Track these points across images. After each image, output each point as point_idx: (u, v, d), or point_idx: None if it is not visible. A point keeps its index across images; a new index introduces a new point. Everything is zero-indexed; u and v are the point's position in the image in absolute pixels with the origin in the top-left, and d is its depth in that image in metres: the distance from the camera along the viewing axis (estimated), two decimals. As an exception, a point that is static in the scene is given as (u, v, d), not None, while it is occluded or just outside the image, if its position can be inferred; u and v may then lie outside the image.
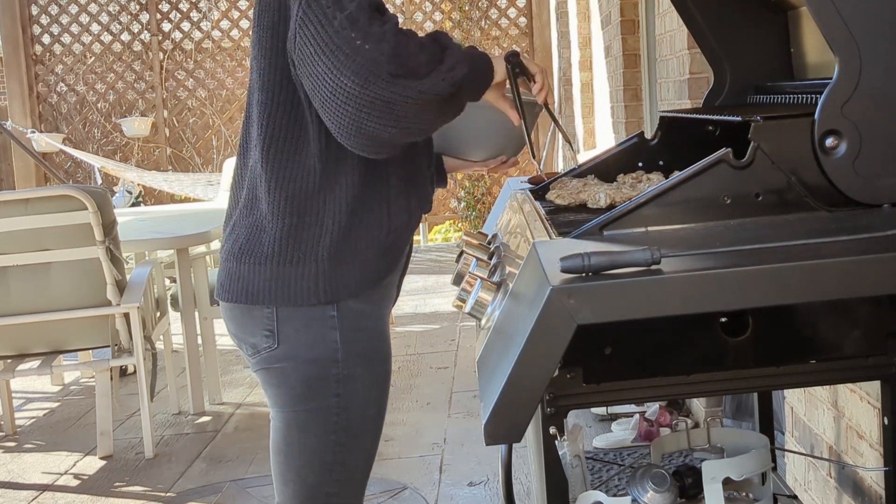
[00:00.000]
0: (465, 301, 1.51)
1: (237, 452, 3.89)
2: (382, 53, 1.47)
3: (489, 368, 1.31)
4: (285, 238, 1.66)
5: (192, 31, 9.30)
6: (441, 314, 6.04)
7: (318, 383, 1.71)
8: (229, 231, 1.76)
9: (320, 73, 1.50)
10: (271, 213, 1.67)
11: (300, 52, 1.54)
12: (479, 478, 3.45)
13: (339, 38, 1.48)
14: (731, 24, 2.02)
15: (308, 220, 1.66)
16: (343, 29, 1.47)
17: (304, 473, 1.75)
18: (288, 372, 1.72)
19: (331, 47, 1.48)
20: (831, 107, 1.42)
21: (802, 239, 1.29)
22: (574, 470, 1.76)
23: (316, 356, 1.70)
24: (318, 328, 1.69)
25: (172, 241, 4.36)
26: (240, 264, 1.71)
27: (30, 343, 3.88)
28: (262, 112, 1.66)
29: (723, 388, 1.57)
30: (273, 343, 1.71)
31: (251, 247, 1.69)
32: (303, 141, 1.65)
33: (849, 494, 2.15)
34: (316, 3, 1.51)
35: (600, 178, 1.90)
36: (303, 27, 1.52)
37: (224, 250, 1.76)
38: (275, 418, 1.78)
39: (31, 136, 8.60)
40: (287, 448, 1.76)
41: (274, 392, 1.76)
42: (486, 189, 9.15)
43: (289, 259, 1.67)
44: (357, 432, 1.75)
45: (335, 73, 1.48)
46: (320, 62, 1.49)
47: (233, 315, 1.76)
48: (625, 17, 5.03)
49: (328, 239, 1.66)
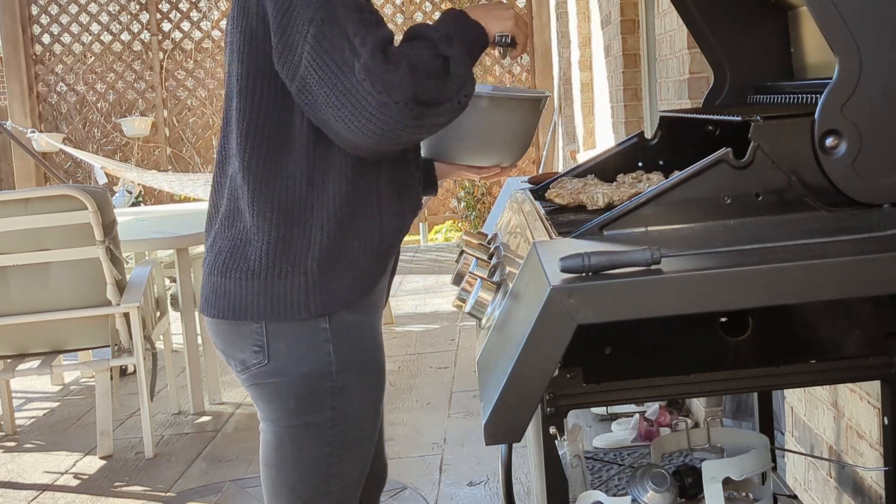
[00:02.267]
0: (465, 301, 1.51)
1: (237, 452, 3.89)
2: (404, 103, 1.46)
3: (489, 368, 1.31)
4: (272, 251, 1.59)
5: (192, 31, 9.31)
6: (441, 314, 6.04)
7: (313, 397, 1.65)
8: (210, 243, 1.69)
9: (339, 115, 1.48)
10: (256, 225, 1.60)
11: (311, 90, 1.49)
12: (479, 478, 3.45)
13: (360, 90, 1.45)
14: (731, 24, 2.02)
15: (296, 230, 1.59)
16: (363, 80, 1.45)
17: (298, 488, 1.70)
18: (280, 387, 1.65)
19: (350, 100, 1.46)
20: (831, 107, 1.42)
21: (802, 239, 1.29)
22: (574, 470, 1.76)
23: (309, 370, 1.63)
24: (311, 342, 1.63)
25: (172, 241, 4.36)
26: (225, 279, 1.63)
27: (30, 343, 3.88)
28: (241, 119, 1.60)
29: (723, 388, 1.57)
30: (263, 359, 1.64)
31: (236, 261, 1.62)
32: (286, 148, 1.58)
33: (849, 494, 2.15)
34: (326, 42, 1.47)
35: (600, 178, 1.90)
36: (316, 68, 1.48)
37: (206, 263, 1.69)
38: (266, 431, 1.72)
39: (31, 136, 8.60)
40: (280, 462, 1.70)
41: (266, 407, 1.70)
42: (486, 189, 9.15)
43: (277, 272, 1.59)
44: (352, 443, 1.70)
45: (356, 122, 1.47)
46: (341, 107, 1.47)
47: (219, 330, 1.69)
48: (625, 16, 5.03)
49: (317, 250, 1.59)
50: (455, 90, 1.52)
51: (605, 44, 5.85)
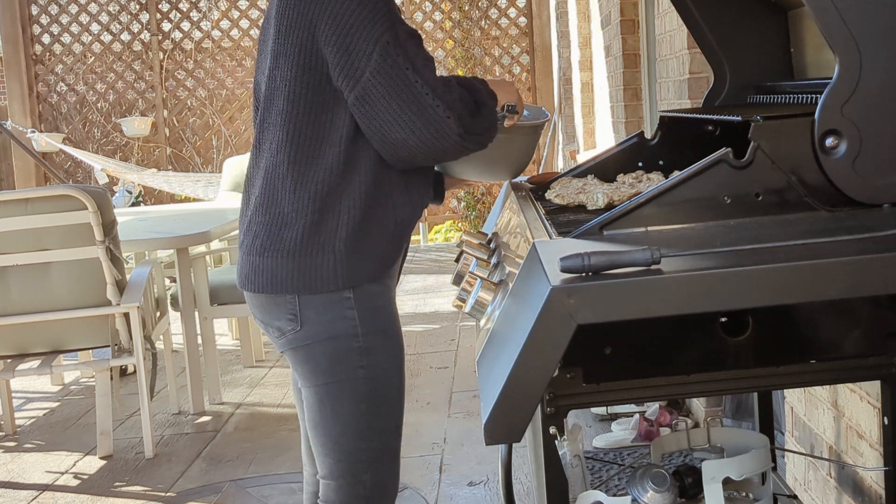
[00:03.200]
0: (465, 301, 1.51)
1: (237, 452, 3.89)
2: (457, 118, 1.79)
3: (489, 368, 1.31)
4: (307, 233, 1.84)
5: (192, 31, 9.30)
6: (441, 314, 6.04)
7: (343, 356, 1.89)
8: (246, 228, 1.94)
9: (399, 121, 1.78)
10: (294, 210, 1.84)
11: (372, 101, 1.78)
12: (479, 478, 3.45)
13: (423, 101, 1.77)
14: (731, 24, 2.02)
15: (327, 215, 1.84)
16: (426, 94, 1.77)
17: (341, 441, 1.93)
18: (313, 349, 1.90)
19: (413, 109, 1.77)
20: (831, 107, 1.42)
21: (802, 239, 1.29)
22: (574, 470, 1.76)
23: (336, 333, 1.88)
24: (337, 309, 1.87)
25: (172, 241, 4.36)
26: (262, 258, 1.88)
27: (30, 343, 3.88)
28: (286, 119, 1.84)
29: (723, 388, 1.57)
30: (297, 325, 1.89)
31: (273, 242, 1.87)
32: (325, 145, 1.83)
33: (849, 494, 2.15)
34: (391, 60, 1.77)
35: (600, 178, 1.90)
36: (380, 82, 1.77)
37: (244, 245, 1.94)
38: (308, 396, 1.95)
39: (31, 136, 8.60)
40: (323, 420, 1.93)
41: (303, 370, 1.93)
42: (486, 189, 9.15)
43: (309, 251, 1.84)
44: (383, 400, 1.94)
45: (413, 129, 1.78)
46: (401, 114, 1.78)
47: (258, 303, 1.94)
48: (625, 16, 5.03)
49: (344, 232, 1.84)
50: (487, 125, 1.87)
51: (605, 44, 5.85)
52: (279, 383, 4.83)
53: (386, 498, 2.00)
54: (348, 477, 1.95)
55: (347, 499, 1.96)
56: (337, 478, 1.96)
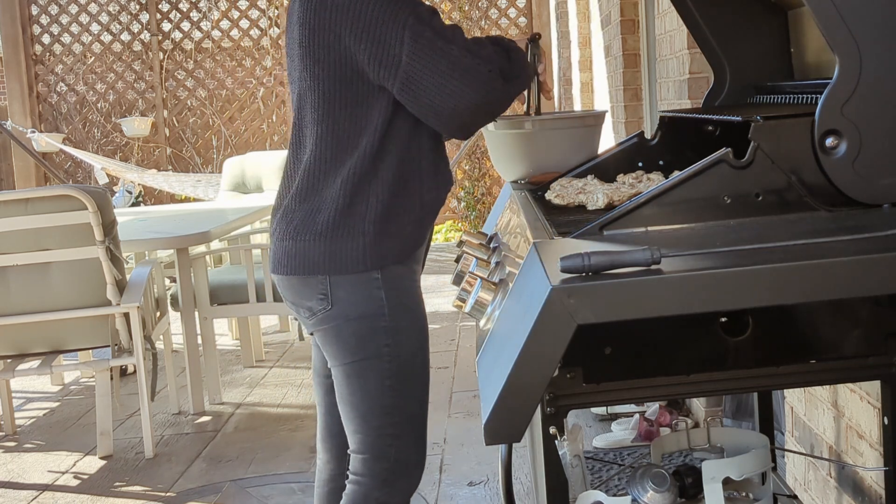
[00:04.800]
0: (465, 301, 1.51)
1: (237, 452, 3.89)
2: (498, 70, 1.88)
3: (489, 368, 1.31)
4: (339, 216, 1.93)
5: (192, 31, 9.30)
6: (441, 314, 6.04)
7: (369, 335, 1.96)
8: (281, 215, 2.02)
9: (446, 90, 1.85)
10: (330, 196, 1.94)
11: (416, 80, 1.86)
12: (479, 478, 3.45)
13: (464, 63, 1.85)
14: (731, 24, 2.02)
15: (357, 199, 1.93)
16: (465, 56, 1.85)
17: (368, 417, 2.00)
18: (342, 328, 1.97)
19: (456, 74, 1.84)
20: (831, 107, 1.42)
21: (802, 239, 1.29)
22: (574, 470, 1.77)
23: (364, 312, 1.96)
24: (366, 289, 1.95)
25: (172, 241, 4.36)
26: (295, 242, 1.97)
27: (30, 343, 3.88)
28: (323, 116, 1.94)
29: (723, 388, 1.57)
30: (327, 305, 1.97)
31: (307, 226, 1.96)
32: (362, 136, 1.93)
33: (849, 494, 2.15)
34: (423, 39, 1.84)
35: (600, 178, 1.90)
36: (419, 59, 1.85)
37: (276, 232, 2.03)
38: (336, 375, 2.02)
39: (31, 136, 8.60)
40: (351, 397, 2.00)
41: (331, 349, 2.01)
42: (486, 189, 9.15)
43: (340, 234, 1.93)
44: (408, 378, 2.00)
45: (462, 94, 1.85)
46: (447, 83, 1.85)
47: (290, 284, 2.02)
48: (625, 16, 5.03)
49: (373, 214, 1.93)
50: (522, 65, 1.97)
51: (605, 44, 5.85)
52: (279, 383, 4.83)
53: (409, 476, 2.06)
54: (375, 451, 2.02)
55: (372, 472, 2.03)
56: (364, 452, 2.03)
